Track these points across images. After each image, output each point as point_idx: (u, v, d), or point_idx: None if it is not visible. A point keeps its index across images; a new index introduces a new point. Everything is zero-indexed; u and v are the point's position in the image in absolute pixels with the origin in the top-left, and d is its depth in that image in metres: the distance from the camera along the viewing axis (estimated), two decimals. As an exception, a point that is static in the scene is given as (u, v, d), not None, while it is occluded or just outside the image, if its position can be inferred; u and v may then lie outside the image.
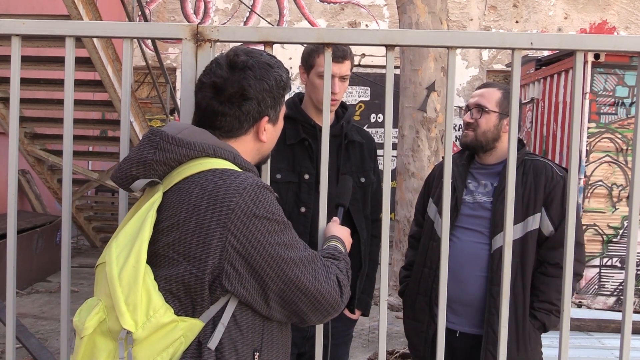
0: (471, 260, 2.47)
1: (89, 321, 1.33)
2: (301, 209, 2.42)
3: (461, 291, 2.45)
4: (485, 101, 2.51)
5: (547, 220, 2.41)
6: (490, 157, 2.54)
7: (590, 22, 10.96)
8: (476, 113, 2.51)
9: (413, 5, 6.04)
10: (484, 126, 2.49)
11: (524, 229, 2.41)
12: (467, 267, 2.46)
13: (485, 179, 2.54)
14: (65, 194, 1.77)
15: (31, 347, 3.77)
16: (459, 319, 2.50)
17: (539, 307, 2.42)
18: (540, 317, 2.41)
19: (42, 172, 7.49)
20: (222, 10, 11.01)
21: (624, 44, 1.68)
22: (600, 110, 6.07)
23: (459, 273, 2.46)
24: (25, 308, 5.89)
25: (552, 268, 2.41)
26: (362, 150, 2.59)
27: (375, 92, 10.68)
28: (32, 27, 1.72)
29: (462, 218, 2.52)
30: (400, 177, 6.29)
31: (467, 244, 2.48)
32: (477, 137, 2.50)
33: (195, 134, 1.47)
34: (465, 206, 2.53)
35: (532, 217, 2.41)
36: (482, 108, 2.49)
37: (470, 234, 2.50)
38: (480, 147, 2.52)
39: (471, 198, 2.53)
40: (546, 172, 2.44)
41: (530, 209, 2.41)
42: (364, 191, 2.56)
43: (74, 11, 5.04)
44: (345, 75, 2.44)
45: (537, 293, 2.43)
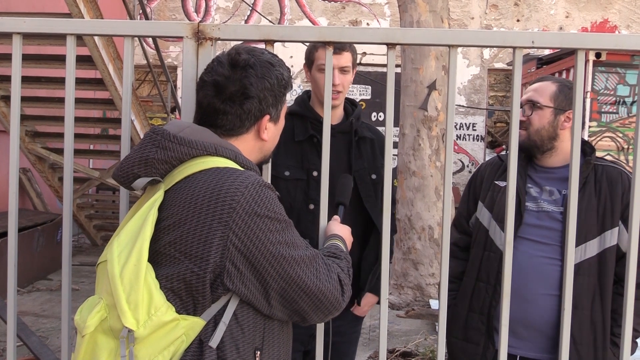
0: (538, 276, 2.18)
1: (91, 319, 1.33)
2: (310, 205, 2.42)
3: (525, 312, 2.17)
4: (537, 96, 2.25)
5: (626, 235, 2.09)
6: (552, 159, 2.25)
7: (591, 21, 10.94)
8: (528, 110, 2.26)
9: (414, 4, 6.04)
10: (537, 124, 2.22)
11: (600, 245, 2.15)
12: (533, 285, 2.17)
13: (550, 184, 2.25)
14: (66, 192, 1.77)
15: (32, 345, 3.77)
16: (521, 343, 2.22)
17: (619, 333, 2.02)
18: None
19: (43, 171, 7.49)
20: (223, 9, 11.01)
21: (625, 42, 1.68)
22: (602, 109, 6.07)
23: (523, 291, 2.19)
24: (26, 306, 5.89)
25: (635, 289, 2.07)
26: (373, 147, 2.59)
27: (376, 90, 10.68)
28: (33, 26, 1.72)
29: (525, 228, 2.22)
30: (401, 175, 6.28)
31: (534, 258, 2.19)
32: (530, 136, 2.23)
33: (196, 132, 1.47)
34: (530, 214, 2.23)
35: (609, 232, 2.14)
36: (534, 103, 2.24)
37: (536, 246, 2.20)
38: (536, 147, 2.24)
39: (535, 205, 2.24)
40: (622, 180, 2.17)
41: (607, 222, 2.14)
42: (375, 188, 2.55)
43: (75, 9, 5.04)
44: (344, 66, 2.42)
45: (615, 317, 2.15)
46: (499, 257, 2.23)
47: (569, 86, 2.27)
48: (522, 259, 2.19)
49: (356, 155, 2.52)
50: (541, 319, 2.17)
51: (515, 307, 2.18)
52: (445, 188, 1.73)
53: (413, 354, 4.82)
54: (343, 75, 2.43)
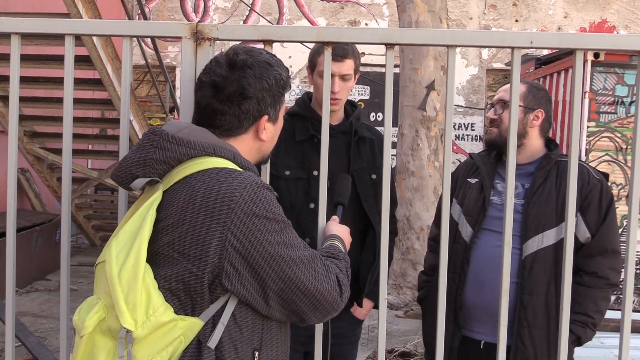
0: (498, 265, 2.24)
1: (89, 320, 1.33)
2: (310, 205, 2.43)
3: (487, 299, 2.30)
4: (508, 95, 2.32)
5: (583, 226, 2.28)
6: (519, 156, 2.36)
7: (590, 21, 10.95)
8: (499, 108, 2.40)
9: (413, 4, 6.04)
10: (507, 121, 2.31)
11: (558, 234, 2.27)
12: (494, 273, 2.22)
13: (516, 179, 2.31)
14: (64, 193, 1.77)
15: (30, 345, 3.77)
16: (483, 328, 2.36)
17: (575, 319, 2.24)
18: (576, 331, 2.27)
19: (41, 171, 7.48)
20: (221, 9, 11.01)
21: (624, 42, 1.68)
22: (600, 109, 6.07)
23: (484, 279, 2.33)
24: (24, 306, 5.89)
25: (589, 277, 2.28)
26: (373, 147, 2.59)
27: (374, 90, 10.68)
28: (32, 26, 1.72)
29: (489, 220, 2.38)
30: (399, 176, 6.28)
31: (494, 248, 2.31)
32: (501, 133, 2.36)
33: (195, 132, 1.47)
34: (493, 208, 2.38)
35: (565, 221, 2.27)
36: (506, 102, 2.37)
37: (497, 237, 2.31)
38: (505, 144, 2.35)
39: (499, 199, 2.38)
40: (582, 175, 2.28)
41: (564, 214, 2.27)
42: (375, 188, 2.55)
43: (73, 9, 5.04)
44: (345, 74, 2.42)
45: (572, 304, 2.23)
46: (463, 248, 2.41)
47: (537, 87, 2.44)
48: (484, 249, 2.36)
49: (355, 155, 2.52)
50: None
51: (477, 294, 2.36)
52: (444, 188, 1.73)
53: (412, 354, 4.83)
54: (343, 83, 2.43)
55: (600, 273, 2.28)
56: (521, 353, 2.26)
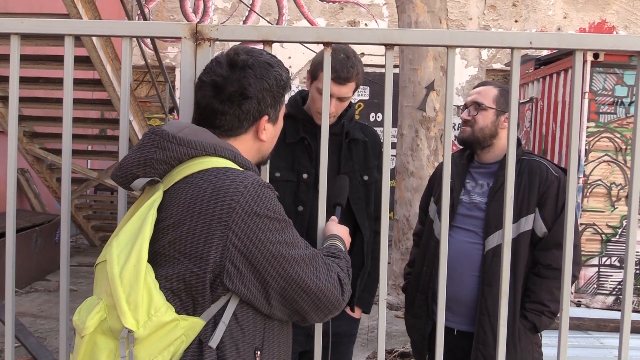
0: (465, 260, 2.48)
1: (90, 320, 1.33)
2: (298, 207, 2.42)
3: (456, 290, 2.45)
4: (481, 98, 2.52)
5: (540, 221, 2.41)
6: (488, 155, 2.55)
7: (589, 22, 10.96)
8: (473, 110, 2.53)
9: (412, 5, 6.04)
10: (481, 122, 2.50)
11: (517, 230, 2.41)
12: (461, 267, 2.47)
13: (482, 178, 2.55)
14: (64, 193, 1.77)
15: (30, 346, 3.77)
16: (455, 318, 2.52)
17: (530, 307, 2.42)
18: (531, 318, 2.42)
19: (41, 171, 7.48)
20: (221, 9, 11.01)
21: (623, 43, 1.69)
22: (600, 110, 6.08)
23: (453, 272, 2.39)
24: (24, 307, 5.89)
25: (544, 269, 2.42)
26: (366, 148, 2.58)
27: (374, 91, 10.68)
28: (31, 26, 1.72)
29: (458, 218, 2.54)
30: (399, 176, 6.29)
31: (461, 243, 2.50)
32: (474, 133, 2.51)
33: (195, 132, 1.47)
34: (462, 206, 2.55)
35: (524, 218, 2.41)
36: (479, 105, 2.51)
37: (464, 233, 2.52)
38: (478, 143, 2.52)
39: (468, 198, 2.55)
40: (541, 172, 2.44)
41: (523, 209, 2.41)
42: (366, 189, 2.55)
43: (73, 10, 5.04)
44: (344, 97, 2.40)
45: (528, 294, 2.44)
46: (435, 245, 2.54)
47: (507, 90, 2.52)
48: (453, 244, 2.43)
49: (346, 156, 2.51)
50: (468, 297, 2.48)
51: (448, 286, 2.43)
52: (444, 188, 1.73)
53: (411, 354, 4.82)
54: (340, 103, 2.42)
55: (554, 265, 2.38)
56: (482, 339, 2.42)
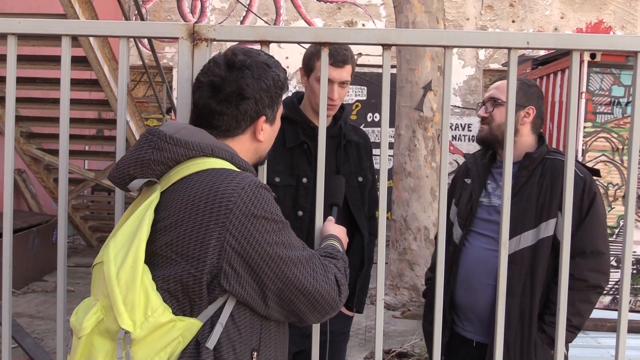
0: (483, 267, 2.32)
1: (87, 321, 1.33)
2: (298, 212, 2.41)
3: (474, 300, 2.33)
4: (499, 93, 2.36)
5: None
6: None
7: (586, 22, 10.97)
8: (490, 106, 2.38)
9: (410, 5, 6.05)
10: (498, 119, 2.33)
11: (536, 236, 2.25)
12: (479, 275, 2.32)
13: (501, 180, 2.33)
14: (61, 193, 1.77)
15: (27, 346, 3.76)
16: (474, 328, 2.38)
17: (550, 321, 2.23)
18: (550, 332, 2.23)
19: (38, 172, 7.47)
20: (218, 10, 11.00)
21: (620, 43, 1.69)
22: (596, 110, 6.08)
23: (471, 281, 2.35)
24: (21, 307, 5.88)
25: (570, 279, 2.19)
26: (359, 150, 2.58)
27: (372, 91, 10.68)
28: (28, 26, 1.72)
29: (477, 222, 2.38)
30: (396, 176, 6.29)
31: (480, 250, 2.34)
32: (492, 130, 2.36)
33: (193, 133, 1.47)
34: (482, 209, 2.37)
35: (545, 223, 2.25)
36: (496, 100, 2.35)
37: (483, 239, 2.35)
38: (497, 141, 2.35)
39: (488, 201, 2.37)
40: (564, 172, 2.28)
41: (544, 214, 2.25)
42: (362, 190, 2.55)
43: (70, 10, 5.03)
44: (345, 81, 2.40)
45: (549, 305, 2.27)
46: (453, 250, 2.42)
47: (528, 84, 2.41)
48: (471, 251, 2.36)
49: (344, 158, 2.51)
50: (485, 308, 2.32)
51: (466, 296, 2.38)
52: (441, 188, 1.73)
53: (409, 354, 4.83)
54: (341, 89, 2.42)
55: (577, 275, 2.21)
56: None
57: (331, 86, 2.35)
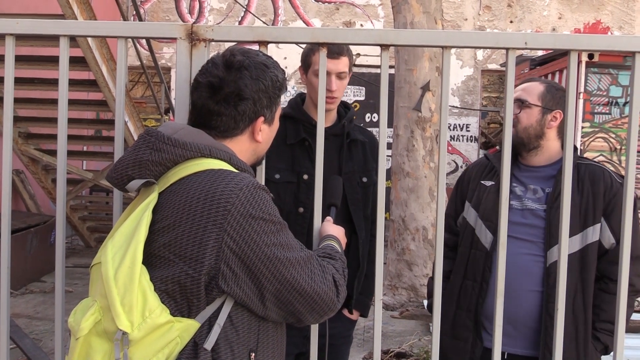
0: (522, 273, 2.22)
1: (85, 322, 1.33)
2: (299, 209, 2.41)
3: (511, 308, 2.16)
4: (526, 95, 2.29)
5: (608, 232, 2.19)
6: (537, 158, 2.30)
7: (584, 22, 10.98)
8: (516, 108, 2.28)
9: (408, 5, 6.05)
10: (525, 121, 2.26)
11: (583, 240, 2.19)
12: (518, 282, 2.22)
13: (534, 182, 2.29)
14: (59, 194, 1.77)
15: (25, 347, 3.76)
16: (507, 339, 2.21)
17: (601, 327, 2.19)
18: (604, 339, 2.19)
19: (36, 172, 7.46)
20: (216, 10, 11.00)
21: (618, 43, 1.69)
22: (594, 110, 6.10)
23: (508, 289, 2.13)
24: (19, 308, 5.87)
25: (615, 284, 2.11)
26: (365, 150, 2.57)
27: (370, 91, 10.69)
28: (26, 27, 1.72)
29: (510, 226, 2.19)
30: (395, 176, 6.29)
31: (518, 256, 2.23)
32: (518, 133, 2.26)
33: (191, 134, 1.47)
34: (514, 212, 2.26)
35: (591, 228, 2.19)
36: (523, 102, 2.28)
37: (520, 244, 2.25)
38: (522, 145, 2.29)
39: (519, 204, 2.29)
40: (604, 178, 2.21)
41: (589, 219, 2.19)
42: (365, 191, 2.54)
43: (68, 11, 5.02)
44: (341, 72, 2.40)
45: (597, 312, 2.21)
46: (484, 255, 2.29)
47: (556, 87, 2.34)
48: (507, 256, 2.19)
49: (347, 157, 2.50)
50: (527, 315, 2.22)
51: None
52: (439, 189, 1.73)
53: (407, 354, 4.83)
54: (340, 81, 2.41)
55: None
56: None
57: (329, 78, 2.35)
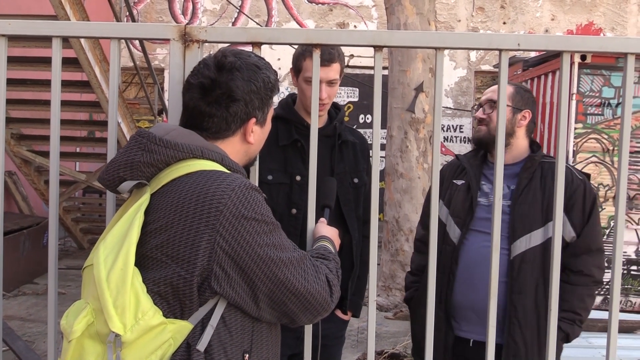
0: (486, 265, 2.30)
1: (77, 324, 1.32)
2: (292, 210, 2.41)
3: (476, 298, 2.35)
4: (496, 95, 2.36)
5: (568, 226, 2.33)
6: (506, 156, 2.41)
7: (576, 24, 11.03)
8: (488, 108, 2.44)
9: (401, 6, 6.06)
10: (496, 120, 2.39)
11: (544, 234, 2.32)
12: (482, 273, 2.27)
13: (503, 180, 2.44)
14: (52, 195, 1.76)
15: (18, 349, 3.74)
16: (473, 327, 2.41)
17: (563, 316, 2.30)
18: (564, 328, 2.32)
19: (28, 174, 7.43)
20: (210, 11, 10.98)
21: (610, 45, 1.70)
22: (587, 111, 6.12)
23: (473, 279, 2.38)
24: (12, 310, 5.84)
25: (575, 276, 2.35)
26: (356, 151, 2.58)
27: (363, 92, 10.70)
28: (19, 28, 1.71)
29: (477, 221, 2.44)
30: (388, 177, 6.30)
31: (483, 248, 2.37)
32: (490, 132, 2.41)
33: (182, 135, 1.47)
34: (481, 209, 2.43)
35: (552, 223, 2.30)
36: (494, 102, 2.41)
37: (486, 238, 2.36)
38: (493, 142, 2.33)
39: (486, 200, 2.44)
40: (566, 176, 2.27)
41: (550, 213, 2.29)
42: (356, 192, 2.55)
43: (61, 11, 5.00)
44: (332, 79, 2.40)
45: (560, 303, 2.26)
46: (452, 249, 2.46)
47: (524, 88, 2.52)
48: (472, 249, 2.41)
49: (338, 158, 2.51)
50: None
51: (466, 294, 2.41)
52: (433, 190, 1.74)
53: (401, 355, 4.83)
54: (330, 88, 2.41)
55: (586, 271, 2.35)
56: (513, 350, 2.31)
57: (319, 85, 2.35)
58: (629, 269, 6.14)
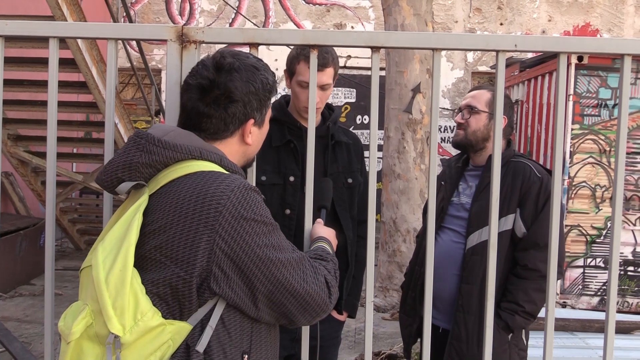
0: (449, 259, 2.55)
1: (76, 326, 1.32)
2: (286, 211, 2.42)
3: (441, 289, 2.50)
4: (475, 102, 2.58)
5: (520, 222, 2.45)
6: (480, 158, 2.61)
7: (573, 25, 11.05)
8: (467, 113, 2.59)
9: (398, 7, 6.06)
10: (474, 125, 2.56)
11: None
12: (445, 266, 2.52)
13: (473, 180, 2.62)
14: (49, 196, 1.76)
15: (15, 351, 3.74)
16: (440, 315, 2.58)
17: (505, 307, 2.45)
18: (504, 317, 2.44)
19: (25, 174, 7.42)
20: (207, 12, 10.98)
21: (607, 46, 1.70)
22: (584, 112, 6.13)
23: (439, 271, 2.44)
24: (8, 311, 5.83)
25: (522, 269, 2.45)
26: (349, 151, 2.59)
27: (361, 93, 10.70)
28: (15, 28, 1.71)
29: (447, 218, 2.63)
30: (386, 178, 6.30)
31: (448, 243, 2.58)
32: (467, 135, 2.57)
33: (181, 136, 1.46)
34: (452, 207, 2.63)
35: (504, 218, 2.44)
36: (472, 108, 2.57)
37: (450, 233, 2.60)
38: (471, 146, 2.59)
39: (457, 199, 2.62)
40: (524, 173, 2.48)
41: (504, 209, 2.43)
42: (350, 192, 2.56)
43: (57, 12, 5.00)
44: (325, 84, 2.41)
45: (506, 294, 2.48)
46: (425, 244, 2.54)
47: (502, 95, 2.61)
48: (441, 244, 2.58)
49: (332, 159, 2.51)
50: (450, 295, 2.55)
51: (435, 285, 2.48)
52: (430, 191, 1.74)
53: (398, 356, 4.83)
54: (323, 92, 2.43)
55: (530, 265, 2.44)
56: (456, 335, 2.49)
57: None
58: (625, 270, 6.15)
